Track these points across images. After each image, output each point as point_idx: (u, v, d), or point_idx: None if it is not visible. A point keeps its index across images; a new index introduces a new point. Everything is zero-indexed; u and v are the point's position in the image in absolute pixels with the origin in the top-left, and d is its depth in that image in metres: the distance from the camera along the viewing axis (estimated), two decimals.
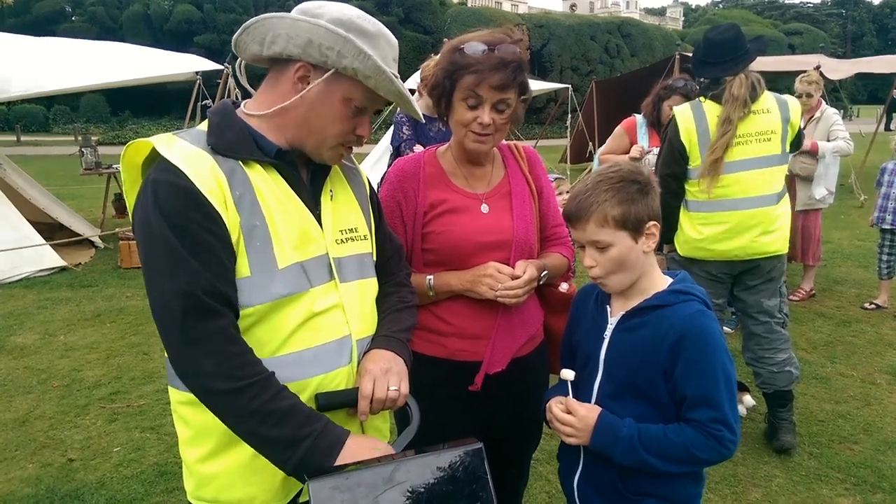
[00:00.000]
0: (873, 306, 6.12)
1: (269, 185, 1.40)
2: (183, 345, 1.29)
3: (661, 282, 1.69)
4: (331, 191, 1.56)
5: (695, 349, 1.56)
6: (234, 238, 1.33)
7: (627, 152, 4.68)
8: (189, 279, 1.26)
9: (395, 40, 1.48)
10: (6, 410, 4.28)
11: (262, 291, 1.36)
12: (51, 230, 8.58)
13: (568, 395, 1.69)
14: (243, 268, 1.35)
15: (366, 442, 1.39)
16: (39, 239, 7.84)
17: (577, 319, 1.85)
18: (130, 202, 1.40)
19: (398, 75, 1.48)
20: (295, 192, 1.45)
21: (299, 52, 1.36)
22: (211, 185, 1.30)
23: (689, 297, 1.63)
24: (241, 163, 1.38)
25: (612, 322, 1.69)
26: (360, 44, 1.34)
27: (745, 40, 3.36)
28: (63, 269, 7.81)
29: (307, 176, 1.52)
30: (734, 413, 1.58)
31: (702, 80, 3.69)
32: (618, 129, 4.87)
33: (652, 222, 1.62)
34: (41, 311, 6.38)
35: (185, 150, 1.35)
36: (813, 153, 5.82)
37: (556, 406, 1.68)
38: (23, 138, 29.92)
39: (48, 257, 7.80)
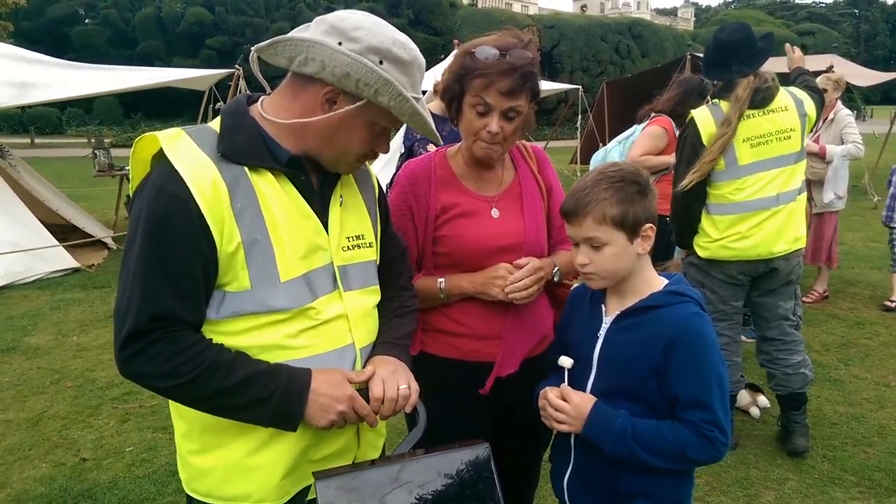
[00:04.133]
0: (894, 304, 6.09)
1: (277, 194, 1.40)
2: (123, 359, 1.32)
3: (657, 282, 1.68)
4: (340, 196, 1.56)
5: (689, 351, 1.56)
6: (230, 249, 1.33)
7: (663, 153, 4.49)
8: (147, 299, 1.29)
9: (423, 61, 1.46)
10: (20, 410, 4.32)
11: (263, 304, 1.37)
12: (64, 231, 8.65)
13: (563, 383, 1.68)
14: (243, 280, 1.35)
15: (331, 376, 1.40)
16: (53, 240, 7.90)
17: (570, 318, 1.84)
18: (133, 192, 1.40)
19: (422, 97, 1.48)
20: (305, 198, 1.45)
21: (334, 79, 1.34)
22: (209, 198, 1.30)
23: (684, 298, 1.63)
24: (248, 170, 1.38)
25: (607, 321, 1.68)
26: (399, 87, 1.34)
27: (756, 40, 3.31)
28: (76, 270, 7.87)
29: (318, 181, 1.51)
30: (726, 415, 1.58)
31: (713, 82, 3.65)
32: (655, 129, 4.53)
33: (648, 225, 1.61)
34: (54, 311, 6.44)
35: (190, 154, 1.34)
36: (821, 156, 5.78)
37: (551, 392, 1.67)
38: (37, 140, 30.17)
39: (61, 258, 7.86)
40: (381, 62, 1.35)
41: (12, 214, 7.73)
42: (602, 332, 1.68)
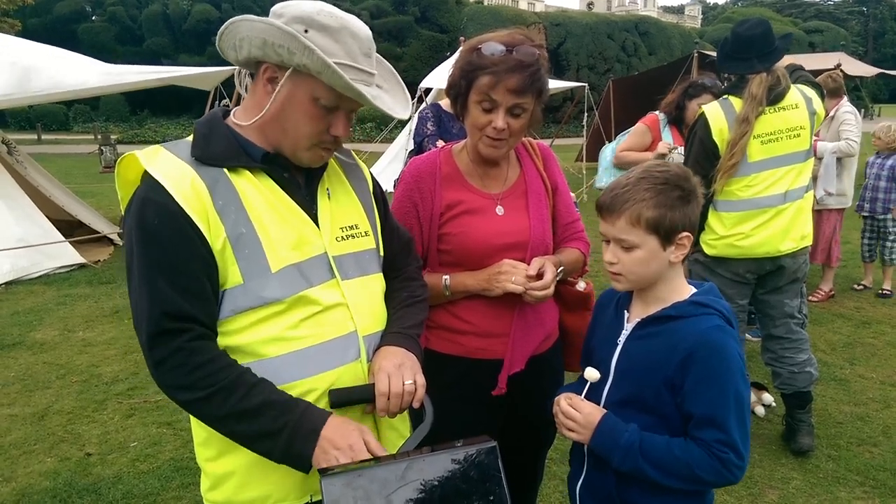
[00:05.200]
0: (861, 287, 6.58)
1: (258, 190, 1.41)
2: (151, 366, 1.34)
3: (684, 292, 1.60)
4: (328, 189, 1.56)
5: (706, 366, 1.48)
6: (218, 247, 1.34)
7: (648, 149, 4.59)
8: (154, 301, 1.31)
9: (364, 32, 1.42)
10: (26, 405, 4.34)
11: (257, 296, 1.37)
12: (70, 228, 8.68)
13: (581, 392, 1.65)
14: (235, 276, 1.36)
15: (345, 426, 1.37)
16: (59, 236, 7.93)
17: (596, 323, 1.79)
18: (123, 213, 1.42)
19: (372, 68, 1.45)
20: (288, 193, 1.46)
21: (260, 53, 1.36)
22: (191, 199, 1.32)
23: (708, 310, 1.54)
24: (227, 171, 1.39)
25: (627, 329, 1.63)
26: (304, 39, 1.31)
27: (774, 37, 3.28)
28: (82, 266, 7.90)
29: (302, 177, 1.52)
30: (743, 437, 1.49)
31: (726, 76, 3.62)
32: (639, 125, 4.69)
33: (685, 233, 1.53)
34: (60, 307, 6.46)
35: (167, 164, 1.36)
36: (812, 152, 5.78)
37: (563, 399, 1.64)
38: (43, 137, 30.32)
39: (68, 254, 7.89)
40: (306, 31, 1.34)
41: (19, 210, 7.76)
42: (621, 340, 1.63)
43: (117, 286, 7.18)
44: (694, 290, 1.62)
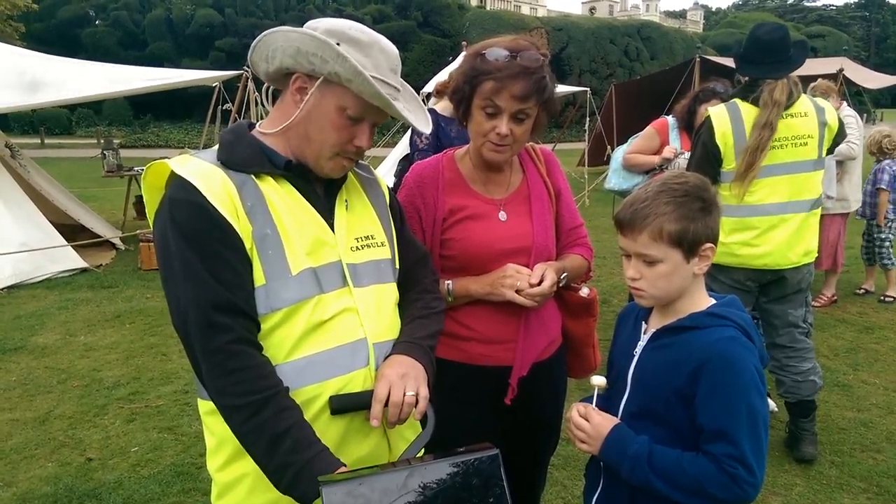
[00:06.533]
0: (863, 291, 6.61)
1: (280, 196, 1.44)
2: (195, 360, 1.36)
3: (703, 303, 1.58)
4: (346, 200, 1.58)
5: (717, 377, 1.44)
6: (247, 246, 1.37)
7: (656, 153, 4.59)
8: (200, 293, 1.32)
9: (393, 50, 1.47)
10: (27, 409, 4.33)
11: (277, 298, 1.39)
12: (72, 231, 8.69)
13: (594, 401, 1.63)
14: (258, 276, 1.38)
15: None
16: (61, 240, 7.94)
17: (617, 335, 1.78)
18: (152, 220, 1.44)
19: (398, 84, 1.49)
20: (308, 201, 1.48)
21: (292, 62, 1.41)
22: (222, 198, 1.35)
23: (724, 321, 1.51)
24: (252, 176, 1.42)
25: (643, 340, 1.62)
26: (338, 47, 1.35)
27: (790, 44, 3.25)
28: (84, 270, 7.90)
29: (322, 188, 1.54)
30: (756, 453, 1.44)
31: (739, 78, 3.59)
32: (648, 129, 4.68)
33: (709, 244, 1.51)
34: (62, 311, 6.46)
35: (198, 166, 1.40)
36: None
37: (576, 410, 1.63)
38: (46, 141, 30.37)
39: (70, 258, 7.90)
40: (338, 44, 1.37)
41: (22, 214, 7.76)
42: (637, 350, 1.62)
43: (119, 290, 7.18)
44: (713, 301, 1.59)
